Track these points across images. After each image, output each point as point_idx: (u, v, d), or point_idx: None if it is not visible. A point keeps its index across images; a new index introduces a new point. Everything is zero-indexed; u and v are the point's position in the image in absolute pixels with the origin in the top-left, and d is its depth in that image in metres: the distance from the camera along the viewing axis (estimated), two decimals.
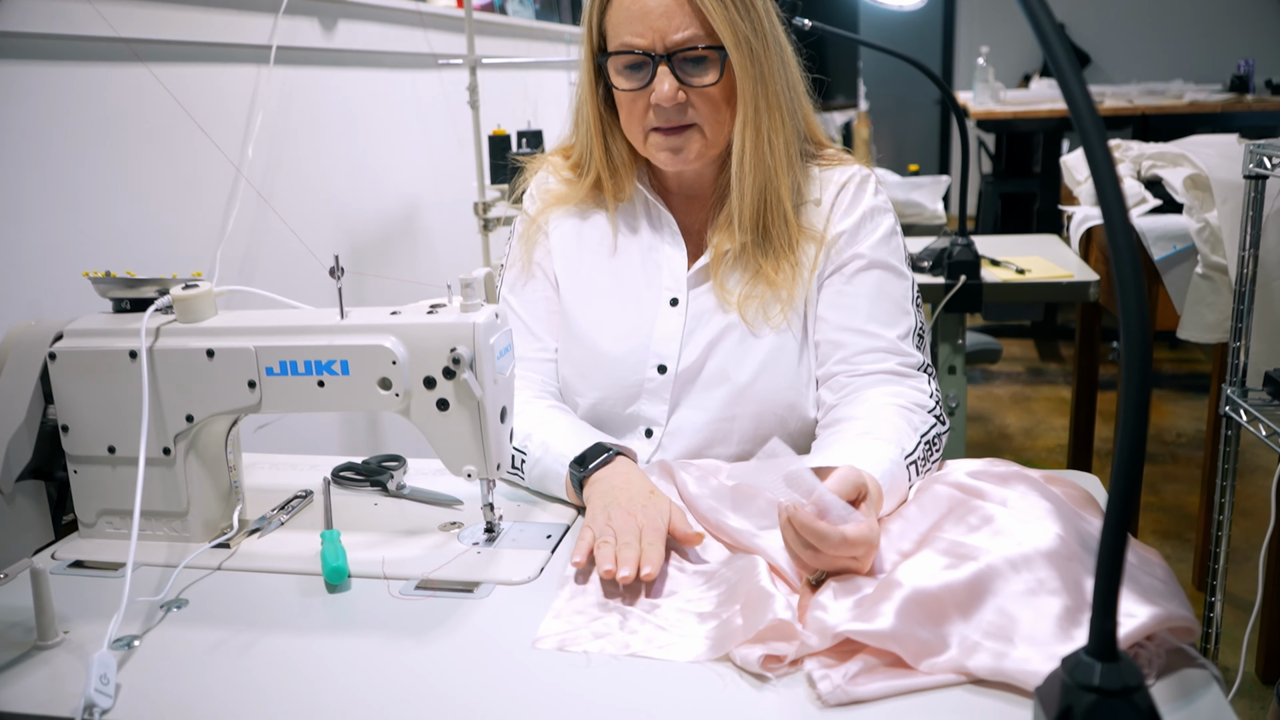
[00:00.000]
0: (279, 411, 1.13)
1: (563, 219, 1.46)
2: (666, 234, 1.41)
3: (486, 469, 1.11)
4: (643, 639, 0.94)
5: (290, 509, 1.27)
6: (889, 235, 1.37)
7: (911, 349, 1.33)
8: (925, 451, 1.20)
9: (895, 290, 1.35)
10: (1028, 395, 4.30)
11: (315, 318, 1.12)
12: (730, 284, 1.36)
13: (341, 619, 1.02)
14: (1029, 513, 0.95)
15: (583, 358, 1.41)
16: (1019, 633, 0.85)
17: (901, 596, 0.88)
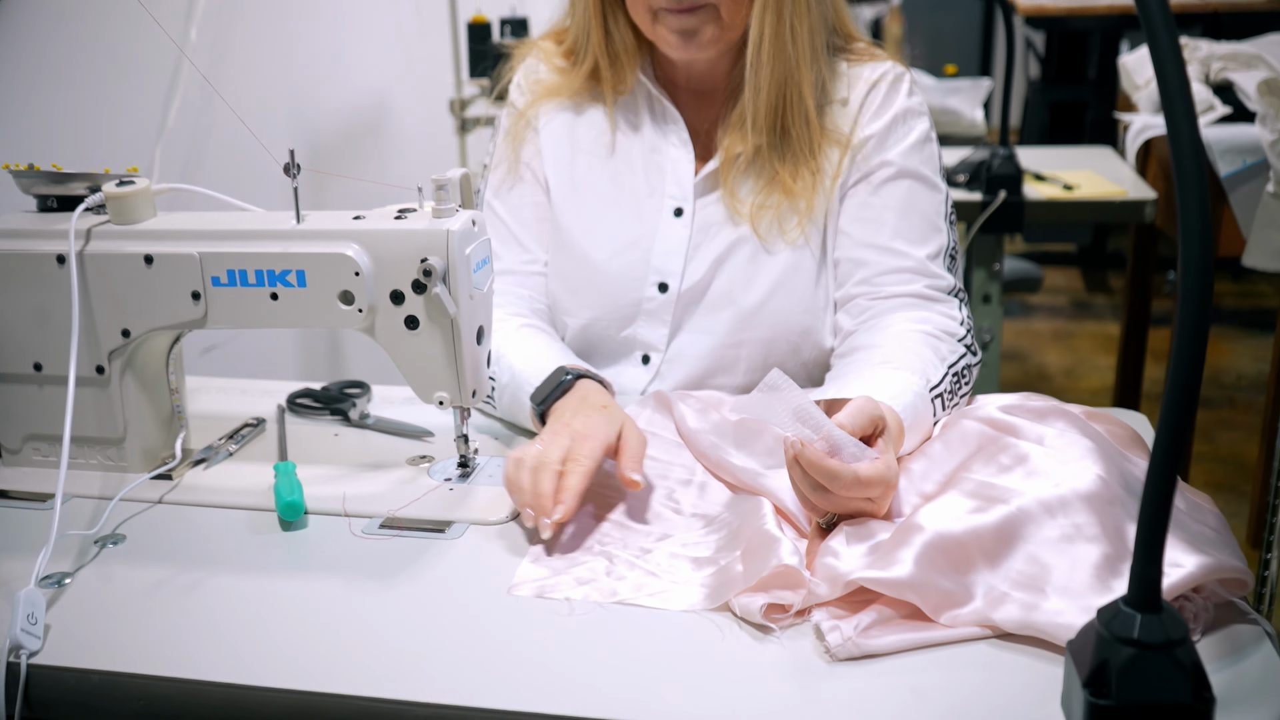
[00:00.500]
0: (227, 327, 1.12)
1: (554, 114, 1.44)
2: (672, 134, 1.40)
3: (460, 396, 1.11)
4: (631, 585, 0.95)
5: (240, 438, 1.27)
6: (922, 142, 1.36)
7: (942, 270, 1.32)
8: (953, 384, 1.20)
9: (926, 204, 1.34)
10: (1071, 330, 4.31)
11: (268, 221, 1.11)
12: (742, 192, 1.36)
13: (297, 559, 1.03)
14: (1067, 452, 0.96)
15: (574, 272, 1.40)
16: (1052, 583, 0.86)
17: (922, 542, 0.88)
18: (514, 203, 1.43)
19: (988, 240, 2.56)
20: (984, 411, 1.05)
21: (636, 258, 1.38)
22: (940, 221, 1.34)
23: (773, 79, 1.30)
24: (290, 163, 1.07)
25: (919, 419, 1.10)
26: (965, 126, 3.35)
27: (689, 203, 1.38)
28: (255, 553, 1.04)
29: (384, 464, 1.21)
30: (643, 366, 1.39)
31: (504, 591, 0.96)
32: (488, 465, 1.20)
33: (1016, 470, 0.95)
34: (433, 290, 1.05)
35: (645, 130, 1.41)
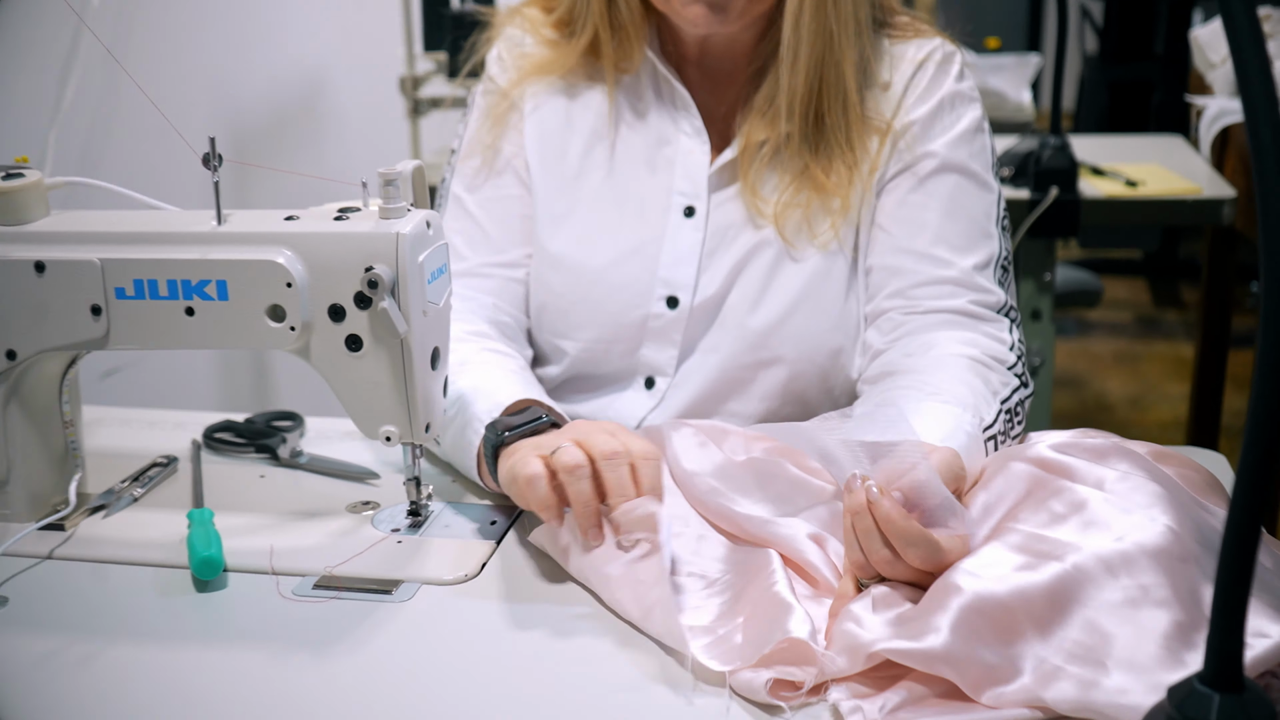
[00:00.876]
0: (133, 348, 1.12)
1: (544, 97, 1.44)
2: (683, 121, 1.40)
3: (411, 431, 1.11)
4: None
5: (147, 480, 1.27)
6: (973, 132, 1.36)
7: (991, 283, 1.33)
8: (1005, 424, 1.21)
9: (975, 204, 1.35)
10: (1136, 353, 4.33)
11: (183, 222, 1.11)
12: (765, 189, 1.36)
13: (214, 626, 1.03)
14: (1131, 498, 0.96)
15: (566, 288, 1.40)
16: (1114, 655, 0.86)
17: (960, 605, 0.88)
18: (489, 196, 1.43)
19: (1037, 246, 2.57)
20: (1033, 451, 1.05)
21: (640, 268, 1.38)
22: (991, 226, 1.35)
23: (812, 56, 1.30)
24: (210, 153, 1.07)
25: (970, 467, 1.09)
26: (1010, 111, 3.37)
27: (702, 201, 1.38)
28: (164, 618, 1.04)
29: (319, 512, 1.21)
30: (645, 391, 1.39)
31: (464, 665, 0.96)
32: (443, 513, 1.20)
33: (1072, 520, 0.96)
34: (379, 305, 1.05)
35: (651, 116, 1.41)
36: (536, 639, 0.99)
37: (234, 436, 1.37)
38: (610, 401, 1.41)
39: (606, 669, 0.95)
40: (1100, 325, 4.61)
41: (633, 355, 1.39)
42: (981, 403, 1.19)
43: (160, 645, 0.99)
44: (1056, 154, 2.51)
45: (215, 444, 1.37)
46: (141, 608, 1.05)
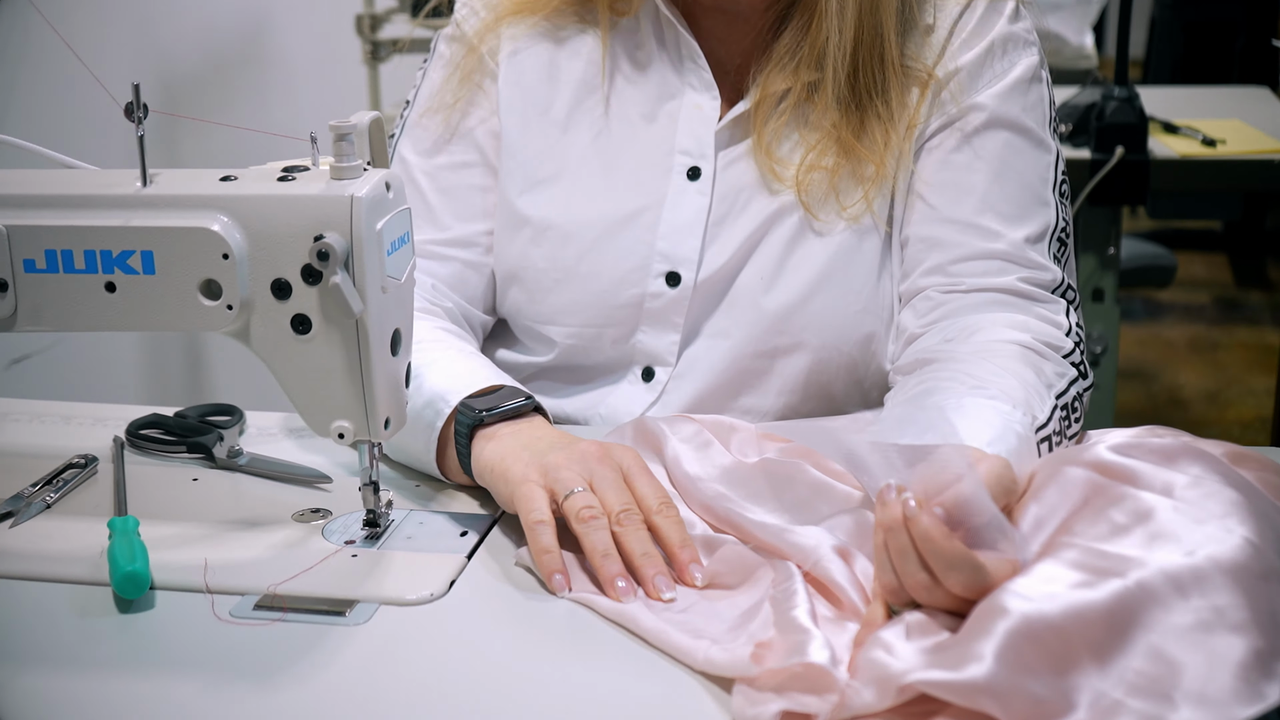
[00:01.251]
0: (45, 330, 1.12)
1: (526, 41, 1.44)
2: (690, 73, 1.40)
3: (368, 427, 1.11)
4: None
5: (61, 484, 1.27)
6: (1028, 82, 1.37)
7: (1045, 258, 1.34)
8: (1061, 421, 1.21)
9: (1030, 166, 1.35)
10: (1214, 340, 4.34)
11: (103, 183, 1.11)
12: (783, 148, 1.36)
13: (139, 652, 1.03)
14: (1204, 507, 0.96)
15: (549, 263, 1.40)
16: (1182, 687, 0.86)
17: (1007, 630, 0.89)
18: (441, 163, 1.44)
19: (1099, 215, 2.58)
20: (1091, 453, 1.05)
21: (636, 239, 1.38)
22: (1047, 192, 1.35)
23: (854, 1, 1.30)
24: (134, 102, 1.07)
25: (1021, 475, 1.09)
26: (1069, 57, 3.38)
27: (709, 161, 1.38)
28: (82, 642, 1.04)
29: (261, 520, 1.21)
30: (643, 384, 1.39)
31: (427, 696, 0.96)
32: (405, 523, 1.20)
33: (1135, 532, 0.96)
34: (330, 280, 1.06)
35: (652, 67, 1.41)
36: (511, 668, 0.99)
37: (162, 434, 1.37)
38: (602, 396, 1.42)
39: (592, 703, 0.95)
40: (1173, 308, 4.62)
41: (627, 342, 1.39)
42: (1034, 398, 1.19)
43: (77, 674, 0.99)
44: (1122, 108, 2.51)
45: (141, 442, 1.37)
46: (55, 631, 1.05)
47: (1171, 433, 1.13)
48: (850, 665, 0.94)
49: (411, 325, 1.15)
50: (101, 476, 1.30)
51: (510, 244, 1.43)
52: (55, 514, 1.23)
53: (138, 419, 1.40)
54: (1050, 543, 0.99)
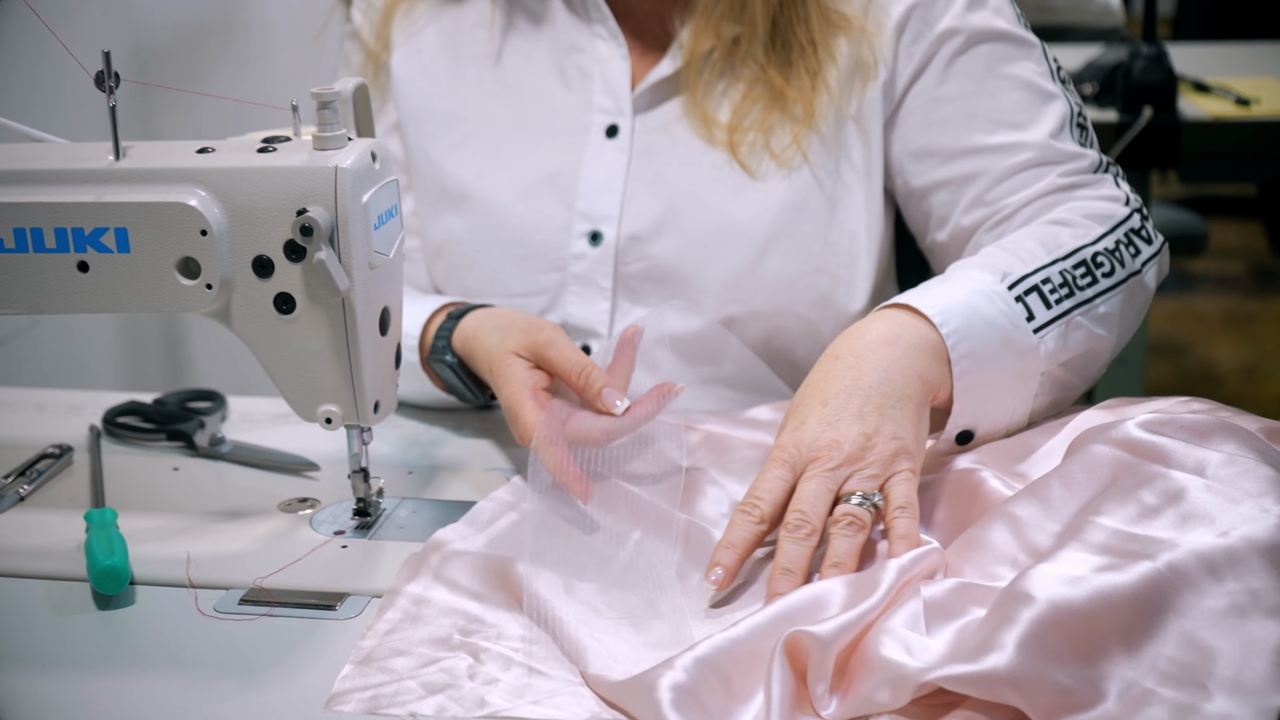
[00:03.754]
0: (15, 313, 1.13)
1: (423, 22, 1.47)
2: (596, 23, 1.43)
3: (356, 411, 1.12)
4: (508, 690, 0.95)
5: (35, 475, 1.27)
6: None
7: (1075, 146, 1.35)
8: (1072, 274, 1.21)
9: (1021, 68, 1.37)
10: (1249, 311, 4.33)
11: (73, 157, 1.11)
12: (714, 104, 1.38)
13: (120, 649, 1.03)
14: (1239, 485, 0.96)
15: (470, 231, 1.43)
16: (1216, 675, 0.87)
17: (1031, 618, 0.89)
18: None
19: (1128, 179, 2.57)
20: (1119, 431, 1.05)
21: (555, 199, 1.41)
22: (1048, 84, 1.37)
23: None
24: (104, 70, 1.07)
25: (981, 325, 1.14)
26: (1094, 14, 3.37)
27: (626, 118, 1.41)
28: (60, 640, 1.04)
29: (246, 511, 1.21)
30: None
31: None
32: (396, 512, 1.20)
33: (1167, 513, 0.96)
34: (315, 256, 1.06)
35: (557, 20, 1.44)
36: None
37: (141, 421, 1.38)
38: None
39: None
40: (1206, 279, 4.61)
41: (557, 311, 1.41)
42: (1014, 261, 1.20)
43: (55, 673, 0.99)
44: (1151, 66, 2.51)
45: (118, 430, 1.37)
46: (31, 628, 1.06)
47: (1207, 404, 1.13)
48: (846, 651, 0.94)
49: (401, 303, 1.15)
50: (77, 467, 1.31)
51: (432, 219, 1.47)
52: (29, 506, 1.23)
53: (115, 406, 1.40)
54: (1078, 524, 0.99)
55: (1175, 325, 4.21)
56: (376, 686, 0.95)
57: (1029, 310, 1.17)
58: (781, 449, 1.09)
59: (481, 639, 1.01)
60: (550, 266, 1.41)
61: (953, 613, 0.96)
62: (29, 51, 2.08)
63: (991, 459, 1.17)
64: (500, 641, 1.01)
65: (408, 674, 0.97)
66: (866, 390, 1.10)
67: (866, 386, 1.10)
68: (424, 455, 1.33)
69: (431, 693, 0.95)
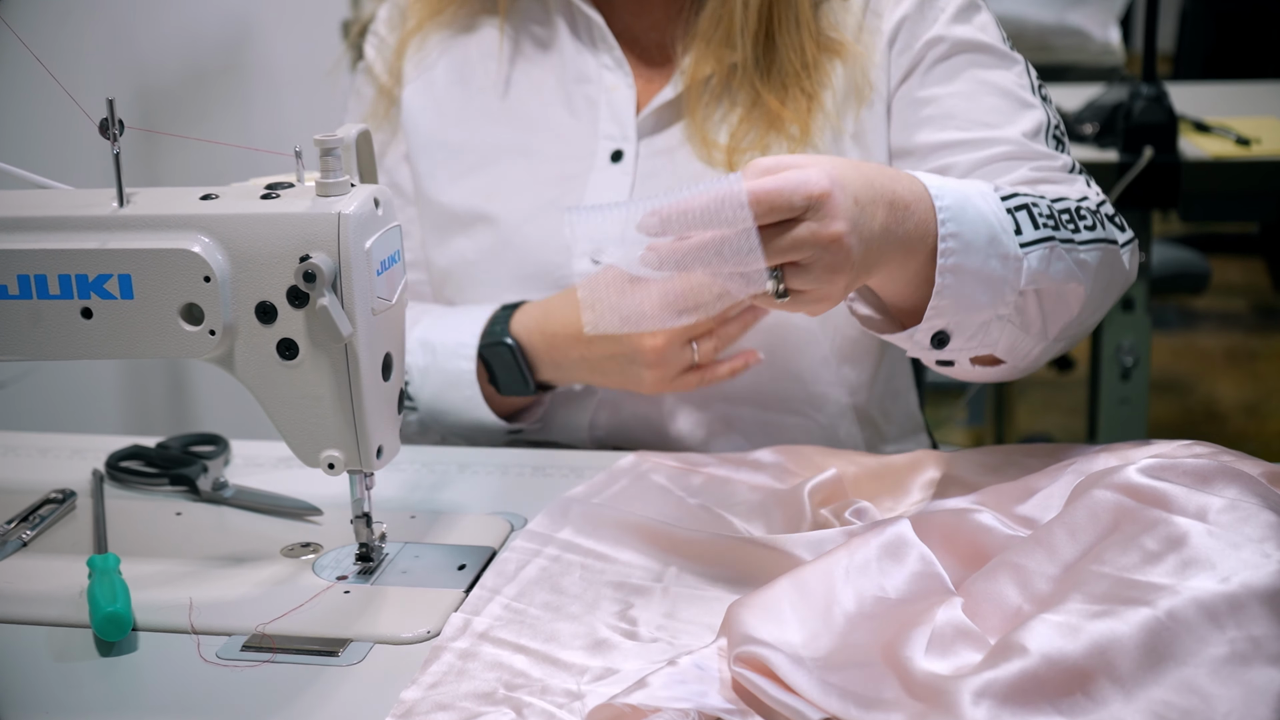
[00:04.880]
0: (19, 359, 1.13)
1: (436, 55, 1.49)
2: (602, 52, 1.45)
3: (359, 456, 1.12)
4: None
5: (38, 520, 1.27)
6: (969, 9, 1.41)
7: (1049, 148, 1.37)
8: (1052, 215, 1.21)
9: (1002, 78, 1.39)
10: (1252, 349, 4.33)
11: (78, 204, 1.11)
12: (714, 129, 1.40)
13: (122, 697, 1.03)
14: (1240, 531, 0.96)
15: (477, 252, 1.45)
16: None
17: (1018, 670, 0.89)
18: None
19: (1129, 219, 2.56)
20: (1122, 476, 1.06)
21: (558, 221, 1.41)
22: (1028, 95, 1.40)
23: None
24: (109, 118, 1.08)
25: (973, 214, 1.13)
26: (1095, 54, 3.38)
27: (631, 143, 1.43)
28: (61, 687, 1.04)
29: (249, 556, 1.21)
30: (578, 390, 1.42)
31: None
32: (400, 556, 1.20)
33: (1168, 558, 0.96)
34: (317, 302, 1.06)
35: (564, 49, 1.46)
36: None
37: (144, 465, 1.38)
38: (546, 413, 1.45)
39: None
40: (1208, 316, 4.61)
41: None
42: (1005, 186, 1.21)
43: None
44: (1151, 106, 2.51)
45: (121, 475, 1.37)
46: (33, 675, 1.06)
47: (1209, 448, 1.14)
48: None
49: (403, 349, 1.16)
50: (80, 512, 1.31)
51: (439, 245, 1.48)
52: (32, 552, 1.23)
53: (118, 450, 1.40)
54: (1079, 572, 0.99)
55: (1178, 363, 4.21)
56: None
57: (1017, 224, 1.17)
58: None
59: (526, 694, 1.01)
60: (555, 285, 1.42)
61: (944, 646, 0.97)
62: (33, 97, 2.09)
63: (992, 501, 1.17)
64: (545, 697, 1.00)
65: None
66: (876, 226, 1.07)
67: (878, 225, 1.07)
68: (427, 499, 1.33)
69: None
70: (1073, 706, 0.88)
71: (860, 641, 1.01)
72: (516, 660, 1.04)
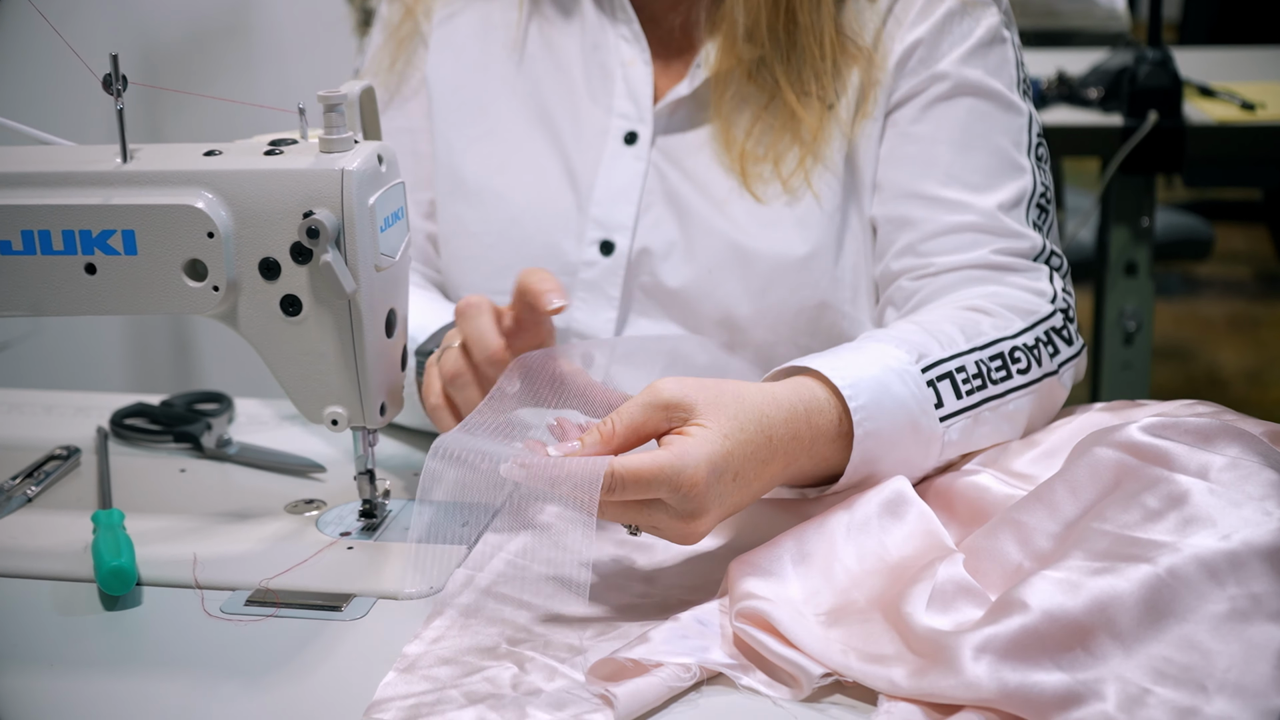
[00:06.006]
0: (23, 315, 1.13)
1: (458, 7, 1.46)
2: (621, 23, 1.42)
3: (363, 413, 1.12)
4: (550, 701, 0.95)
5: (43, 476, 1.28)
6: (989, 43, 1.35)
7: (1022, 225, 1.32)
8: (988, 366, 1.18)
9: (998, 131, 1.34)
10: (1255, 316, 4.33)
11: (81, 160, 1.11)
12: (734, 126, 1.36)
13: (126, 650, 1.03)
14: (1242, 489, 0.96)
15: (482, 226, 1.43)
16: (1215, 676, 0.87)
17: (1019, 626, 0.90)
18: (389, 127, 1.45)
19: (1132, 184, 2.57)
20: (1124, 434, 1.06)
21: (568, 203, 1.40)
22: (1020, 156, 1.34)
23: None
24: (112, 74, 1.08)
25: (890, 404, 1.11)
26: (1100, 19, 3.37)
27: (646, 126, 1.40)
28: (66, 641, 1.04)
29: (252, 512, 1.22)
30: None
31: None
32: (402, 513, 1.21)
33: (1169, 516, 0.96)
34: (321, 258, 1.06)
35: (586, 16, 1.42)
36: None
37: (148, 423, 1.38)
38: None
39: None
40: (1211, 283, 4.61)
41: (562, 316, 1.41)
42: (932, 344, 1.17)
43: (61, 674, 1.00)
44: (1156, 71, 2.51)
45: (125, 432, 1.38)
46: (38, 629, 1.06)
47: (1211, 407, 1.14)
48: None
49: (406, 304, 1.16)
50: (85, 468, 1.31)
51: (446, 207, 1.46)
52: (37, 508, 1.24)
53: (122, 408, 1.40)
54: (1080, 530, 0.99)
55: (1181, 330, 4.20)
56: (418, 695, 0.95)
57: (939, 396, 1.15)
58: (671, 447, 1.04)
59: (529, 648, 1.01)
60: (559, 270, 1.39)
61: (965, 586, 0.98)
62: (36, 54, 2.09)
63: (992, 458, 1.18)
64: (547, 651, 1.01)
65: (450, 683, 0.97)
66: (753, 492, 1.08)
67: (755, 491, 1.08)
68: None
69: (473, 702, 0.95)
70: (1073, 662, 0.89)
71: (861, 598, 1.02)
72: (519, 615, 1.05)
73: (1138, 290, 2.61)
